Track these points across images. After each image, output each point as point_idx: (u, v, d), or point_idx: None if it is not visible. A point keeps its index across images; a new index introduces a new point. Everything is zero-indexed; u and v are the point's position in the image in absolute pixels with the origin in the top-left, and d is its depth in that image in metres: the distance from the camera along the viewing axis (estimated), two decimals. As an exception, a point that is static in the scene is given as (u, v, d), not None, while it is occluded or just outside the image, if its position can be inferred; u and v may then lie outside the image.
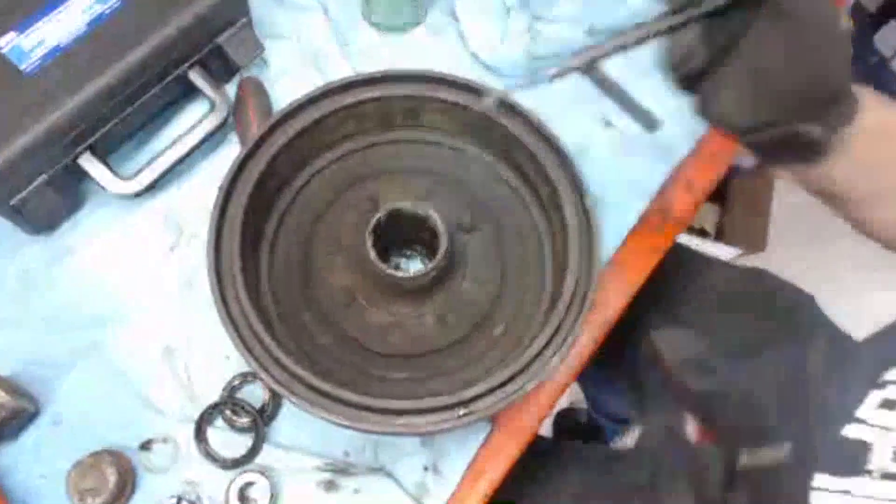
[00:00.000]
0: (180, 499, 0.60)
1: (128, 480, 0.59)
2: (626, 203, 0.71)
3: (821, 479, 0.48)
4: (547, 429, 1.35)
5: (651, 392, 0.78)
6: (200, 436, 0.62)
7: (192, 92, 0.69)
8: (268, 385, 0.58)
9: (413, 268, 0.69)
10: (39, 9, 0.60)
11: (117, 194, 0.64)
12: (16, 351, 0.63)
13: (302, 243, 0.64)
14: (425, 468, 0.62)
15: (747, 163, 1.45)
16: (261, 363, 0.53)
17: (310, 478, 0.62)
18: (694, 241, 1.45)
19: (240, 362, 0.63)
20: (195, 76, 0.67)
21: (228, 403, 0.62)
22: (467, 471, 0.63)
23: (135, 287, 0.66)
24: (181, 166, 0.68)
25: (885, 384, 0.50)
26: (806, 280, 0.76)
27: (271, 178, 0.61)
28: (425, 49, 0.77)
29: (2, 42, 0.59)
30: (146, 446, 0.61)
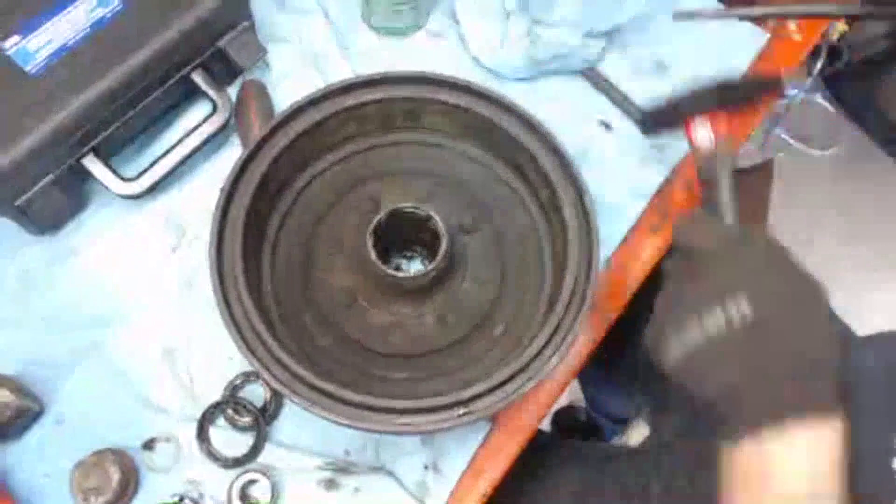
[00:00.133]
0: (182, 497, 0.60)
1: (131, 479, 0.59)
2: (626, 203, 0.71)
3: None
4: (546, 426, 1.35)
5: (663, 391, 0.78)
6: (202, 435, 0.62)
7: (194, 94, 0.69)
8: (270, 385, 0.59)
9: (413, 268, 0.69)
10: (44, 11, 0.61)
11: (120, 195, 0.65)
12: (17, 351, 0.63)
13: (303, 244, 0.64)
14: (425, 467, 0.63)
15: (746, 163, 1.46)
16: (263, 363, 0.53)
17: (311, 477, 0.62)
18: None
19: (241, 362, 0.63)
20: (198, 79, 0.67)
21: (230, 403, 0.62)
22: (467, 469, 0.63)
23: (136, 287, 0.66)
24: (183, 168, 0.68)
25: None
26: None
27: (273, 180, 0.61)
28: (426, 52, 0.77)
29: (7, 44, 0.60)
30: (149, 445, 0.62)
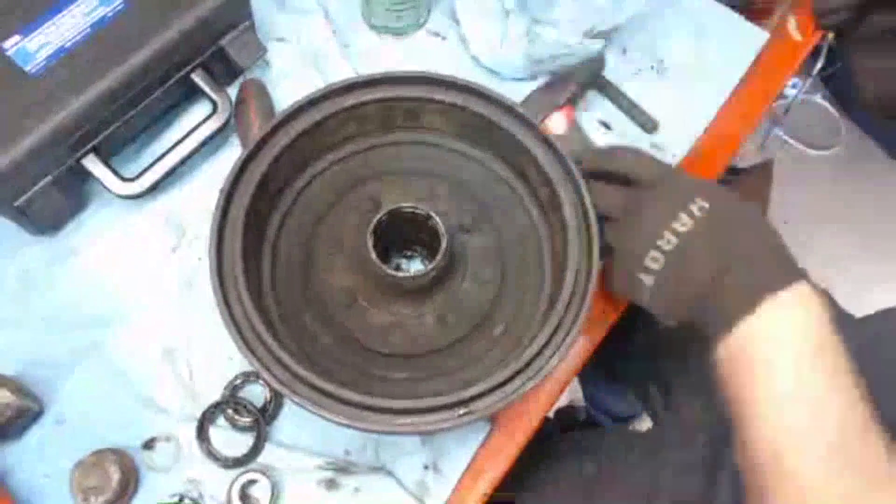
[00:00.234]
0: (182, 497, 0.60)
1: (130, 479, 0.59)
2: (625, 204, 0.71)
3: None
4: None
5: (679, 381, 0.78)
6: (202, 435, 0.62)
7: (194, 94, 0.69)
8: (270, 385, 0.59)
9: (413, 268, 0.69)
10: (44, 11, 0.61)
11: (120, 195, 0.65)
12: (16, 351, 0.63)
13: (303, 244, 0.64)
14: (425, 467, 0.63)
15: (746, 163, 1.46)
16: (263, 363, 0.53)
17: (311, 477, 0.62)
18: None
19: (241, 362, 0.63)
20: (198, 78, 0.67)
21: (230, 403, 0.62)
22: (467, 470, 0.63)
23: (136, 287, 0.66)
24: (183, 168, 0.68)
25: None
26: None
27: (273, 180, 0.61)
28: (426, 52, 0.77)
29: (7, 44, 0.60)
30: (149, 445, 0.62)
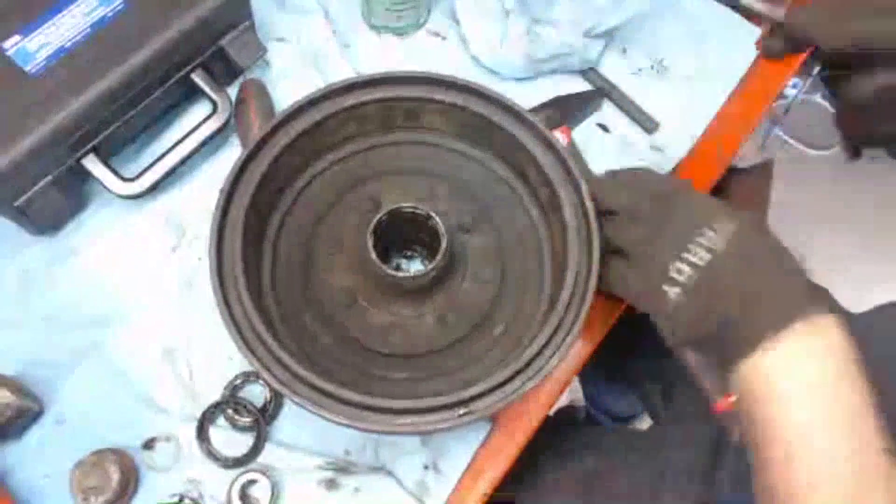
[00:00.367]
0: (182, 497, 0.60)
1: (130, 479, 0.59)
2: (625, 204, 0.71)
3: None
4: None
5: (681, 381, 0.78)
6: (202, 435, 0.62)
7: (194, 94, 0.69)
8: (270, 385, 0.59)
9: (413, 268, 0.69)
10: (44, 11, 0.61)
11: (120, 195, 0.65)
12: (16, 351, 0.63)
13: (303, 244, 0.64)
14: (425, 467, 0.63)
15: (746, 163, 1.45)
16: (263, 363, 0.53)
17: (311, 476, 0.62)
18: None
19: (241, 362, 0.63)
20: (198, 79, 0.67)
21: (230, 403, 0.62)
22: (467, 470, 0.63)
23: (136, 287, 0.66)
24: (183, 168, 0.68)
25: None
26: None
27: (273, 180, 0.61)
28: (426, 52, 0.77)
29: (7, 44, 0.60)
30: (149, 445, 0.62)
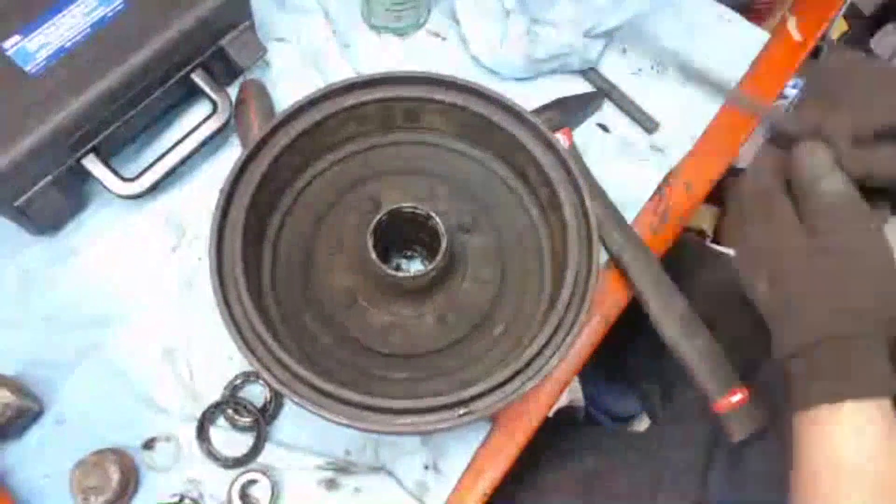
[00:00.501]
0: (182, 497, 0.60)
1: (131, 479, 0.59)
2: (625, 204, 0.71)
3: None
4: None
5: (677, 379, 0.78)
6: (202, 435, 0.62)
7: (194, 94, 0.69)
8: (270, 385, 0.59)
9: (413, 268, 0.69)
10: (44, 11, 0.61)
11: (120, 195, 0.65)
12: (17, 351, 0.63)
13: (303, 244, 0.64)
14: (425, 467, 0.63)
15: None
16: (263, 364, 0.53)
17: (311, 476, 0.62)
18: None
19: (241, 362, 0.63)
20: (198, 79, 0.67)
21: (230, 403, 0.62)
22: (467, 470, 0.63)
23: (136, 287, 0.66)
24: (183, 168, 0.68)
25: None
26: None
27: (273, 180, 0.61)
28: (426, 52, 0.77)
29: (7, 44, 0.60)
30: (149, 445, 0.62)
